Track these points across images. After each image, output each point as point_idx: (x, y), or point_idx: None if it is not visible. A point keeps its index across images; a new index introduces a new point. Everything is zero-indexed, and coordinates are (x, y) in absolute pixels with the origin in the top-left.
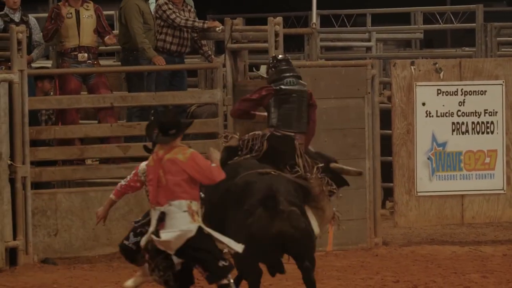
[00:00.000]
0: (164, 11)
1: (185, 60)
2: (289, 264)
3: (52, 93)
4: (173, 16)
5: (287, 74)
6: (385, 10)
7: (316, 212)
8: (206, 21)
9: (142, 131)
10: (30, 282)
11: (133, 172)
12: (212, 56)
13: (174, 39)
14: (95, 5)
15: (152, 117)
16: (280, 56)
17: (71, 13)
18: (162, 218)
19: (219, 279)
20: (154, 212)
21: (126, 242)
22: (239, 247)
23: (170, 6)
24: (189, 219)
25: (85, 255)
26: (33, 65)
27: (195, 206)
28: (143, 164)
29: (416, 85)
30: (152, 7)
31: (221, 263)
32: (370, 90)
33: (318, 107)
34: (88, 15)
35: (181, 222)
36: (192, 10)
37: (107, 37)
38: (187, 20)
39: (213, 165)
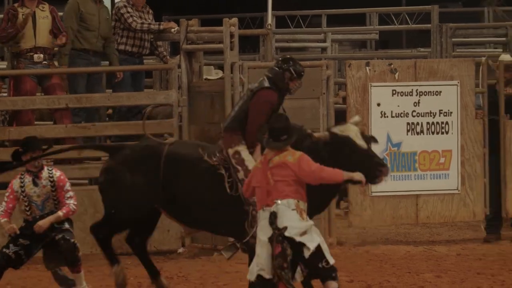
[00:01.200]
0: (122, 14)
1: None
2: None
3: (6, 93)
4: (130, 20)
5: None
6: (340, 11)
7: None
8: (162, 23)
9: (96, 132)
10: None
11: (9, 191)
12: (167, 57)
13: (136, 41)
14: (50, 6)
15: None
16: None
17: (26, 14)
18: (273, 218)
19: (324, 279)
20: (263, 213)
21: (6, 251)
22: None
23: (129, 10)
24: (298, 217)
25: (39, 256)
26: None
27: (303, 205)
28: (16, 181)
29: (371, 86)
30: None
31: (323, 264)
32: (325, 90)
33: None
34: (44, 16)
35: (292, 220)
36: (151, 12)
37: (58, 37)
38: (142, 23)
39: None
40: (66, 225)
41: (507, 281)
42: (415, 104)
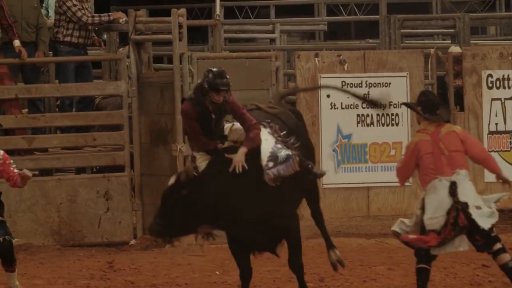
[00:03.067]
0: (69, 8)
1: (88, 52)
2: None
3: None
4: (79, 14)
5: None
6: (289, 1)
7: None
8: (111, 14)
9: (46, 123)
10: None
11: None
12: (103, 44)
13: (81, 32)
14: None
15: None
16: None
17: None
18: (454, 187)
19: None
20: (440, 183)
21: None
22: None
23: (75, 2)
24: (473, 188)
25: None
26: None
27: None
28: None
29: (320, 77)
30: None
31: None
32: (275, 82)
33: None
34: None
35: (471, 190)
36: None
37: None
38: (93, 16)
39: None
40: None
41: (459, 274)
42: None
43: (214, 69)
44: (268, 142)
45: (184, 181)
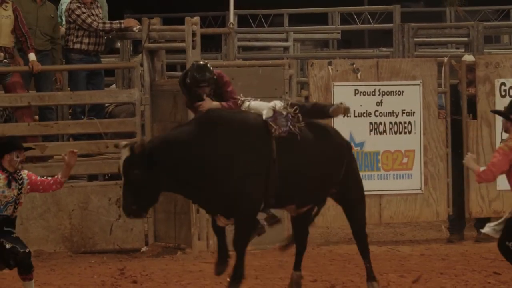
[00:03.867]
0: (78, 16)
1: (102, 59)
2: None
3: None
4: (89, 20)
5: None
6: (303, 10)
7: None
8: (123, 21)
9: (59, 130)
10: None
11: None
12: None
13: (91, 39)
14: (13, 4)
15: None
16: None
17: None
18: None
19: None
20: None
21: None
22: None
23: (84, 10)
24: None
25: None
26: None
27: None
28: None
29: (333, 85)
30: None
31: None
32: (288, 90)
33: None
34: (6, 16)
35: None
36: (99, 5)
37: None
38: (104, 23)
39: None
40: (15, 234)
41: (470, 282)
42: (377, 103)
43: (196, 63)
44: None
45: (139, 153)
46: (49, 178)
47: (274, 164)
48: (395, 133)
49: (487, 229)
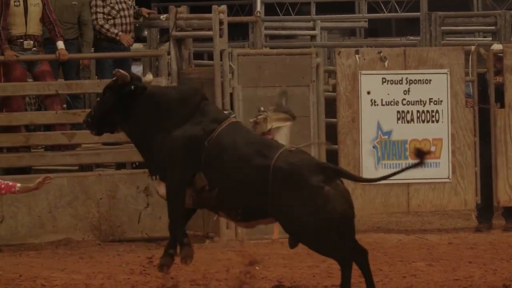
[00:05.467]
0: (90, 8)
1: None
2: None
3: None
4: (93, 16)
5: None
6: None
7: None
8: (120, 34)
9: None
10: None
11: None
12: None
13: (117, 27)
14: None
15: None
16: None
17: (18, 1)
18: None
19: None
20: None
21: None
22: None
23: (98, 2)
24: None
25: (31, 242)
26: None
27: None
28: None
29: (361, 74)
30: None
31: None
32: (315, 78)
33: (263, 95)
34: (35, 4)
35: None
36: None
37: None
38: (102, 26)
39: None
40: None
41: (499, 270)
42: (405, 92)
43: None
44: None
45: (121, 83)
46: (8, 182)
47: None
48: (423, 121)
49: None
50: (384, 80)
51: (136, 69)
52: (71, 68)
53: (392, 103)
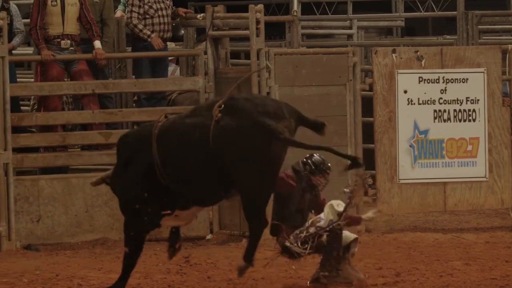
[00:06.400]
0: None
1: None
2: None
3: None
4: (128, 15)
5: None
6: None
7: None
8: (152, 36)
9: (123, 118)
10: (12, 268)
11: None
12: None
13: (155, 27)
14: None
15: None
16: None
17: (56, 1)
18: None
19: None
20: None
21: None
22: None
23: (135, 2)
24: None
25: (68, 241)
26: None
27: None
28: None
29: (397, 73)
30: None
31: None
32: (352, 77)
33: (300, 94)
34: (72, 3)
35: None
36: None
37: None
38: (135, 26)
39: None
40: None
41: None
42: (442, 91)
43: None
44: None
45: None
46: None
47: None
48: (459, 120)
49: None
50: (420, 79)
51: (170, 69)
52: (97, 68)
53: (429, 102)
